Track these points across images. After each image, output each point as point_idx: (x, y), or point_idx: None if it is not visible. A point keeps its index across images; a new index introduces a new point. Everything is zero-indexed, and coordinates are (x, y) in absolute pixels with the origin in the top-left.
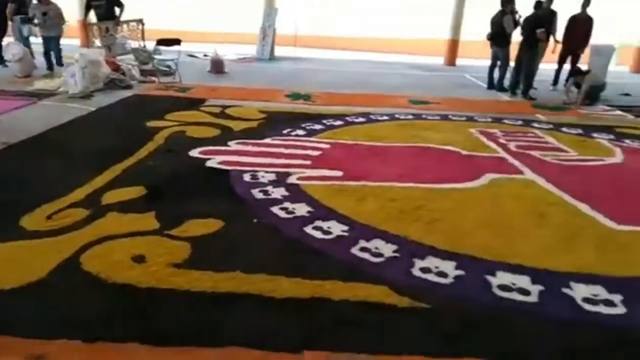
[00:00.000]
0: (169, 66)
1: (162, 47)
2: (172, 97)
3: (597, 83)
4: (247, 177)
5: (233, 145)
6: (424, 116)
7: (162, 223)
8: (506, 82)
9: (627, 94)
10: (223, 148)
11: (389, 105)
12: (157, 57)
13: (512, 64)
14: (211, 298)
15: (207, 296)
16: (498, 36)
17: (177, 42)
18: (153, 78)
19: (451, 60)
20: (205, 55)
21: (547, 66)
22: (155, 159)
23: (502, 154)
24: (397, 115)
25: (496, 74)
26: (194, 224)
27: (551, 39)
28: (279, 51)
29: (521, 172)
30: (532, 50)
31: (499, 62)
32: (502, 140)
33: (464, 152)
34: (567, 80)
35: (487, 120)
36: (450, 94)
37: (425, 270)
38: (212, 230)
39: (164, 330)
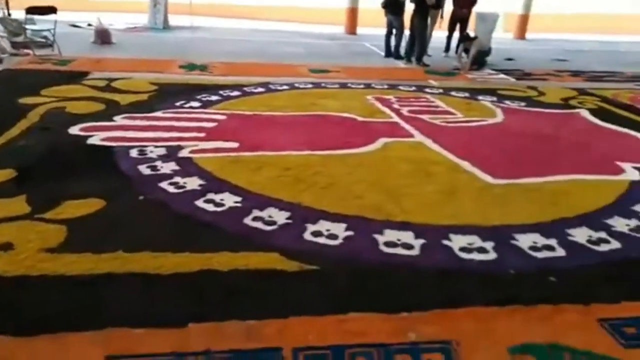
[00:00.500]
0: (45, 37)
1: (38, 17)
2: (49, 71)
3: (483, 48)
4: (133, 153)
5: (119, 120)
6: (323, 85)
7: (34, 206)
8: (403, 50)
9: (510, 59)
10: (108, 124)
11: (288, 75)
12: (30, 27)
13: (407, 31)
14: (90, 281)
15: (84, 279)
16: (392, 4)
17: (51, 10)
18: (27, 51)
19: (351, 29)
20: (89, 25)
21: (440, 33)
22: (28, 138)
23: (396, 118)
24: (296, 85)
25: (393, 41)
26: (71, 205)
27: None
28: (174, 20)
29: (412, 135)
30: (422, 17)
31: (395, 30)
32: (395, 106)
33: (360, 119)
34: (457, 47)
35: (383, 87)
36: (350, 62)
37: (316, 234)
38: (92, 210)
39: (36, 320)
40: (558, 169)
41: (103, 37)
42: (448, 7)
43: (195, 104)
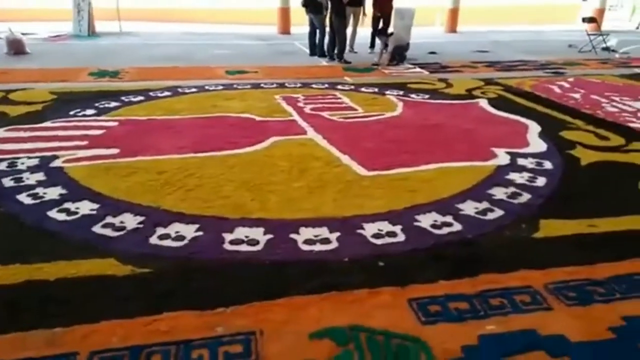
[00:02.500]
0: None
1: None
2: None
3: (401, 43)
4: (2, 166)
5: (1, 132)
6: (235, 86)
7: None
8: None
9: (433, 52)
10: None
11: (204, 77)
12: None
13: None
14: None
15: None
16: (311, 3)
17: None
18: None
19: (284, 29)
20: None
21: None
22: None
23: (295, 116)
24: (207, 87)
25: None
26: None
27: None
28: (102, 26)
29: (305, 133)
30: (340, 15)
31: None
32: (300, 104)
33: (258, 118)
34: (371, 40)
35: (296, 86)
36: (274, 62)
37: (163, 237)
38: None
39: None
40: (433, 158)
41: (16, 47)
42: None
43: (90, 111)
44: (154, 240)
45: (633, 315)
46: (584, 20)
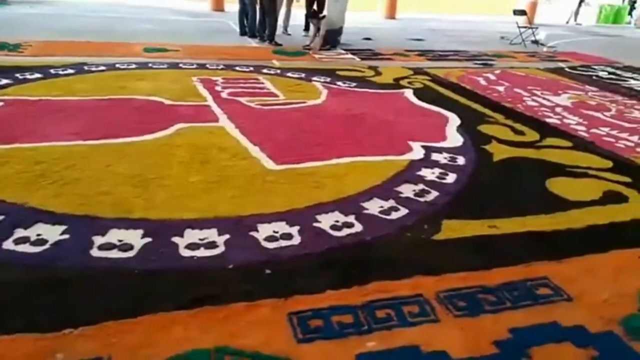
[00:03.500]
0: None
1: None
2: None
3: (334, 27)
4: None
5: None
6: (150, 65)
7: None
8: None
9: (368, 39)
10: None
11: (119, 54)
12: None
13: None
14: None
15: None
16: None
17: None
18: None
19: (218, 6)
20: None
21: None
22: None
23: (209, 102)
24: (118, 65)
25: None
26: None
27: None
28: None
29: (216, 120)
30: None
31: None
32: (218, 88)
33: (167, 102)
34: (305, 24)
35: (217, 68)
36: (200, 41)
37: (21, 240)
38: None
39: None
40: (348, 151)
41: None
42: None
43: None
44: (7, 244)
45: (520, 326)
46: (514, 12)
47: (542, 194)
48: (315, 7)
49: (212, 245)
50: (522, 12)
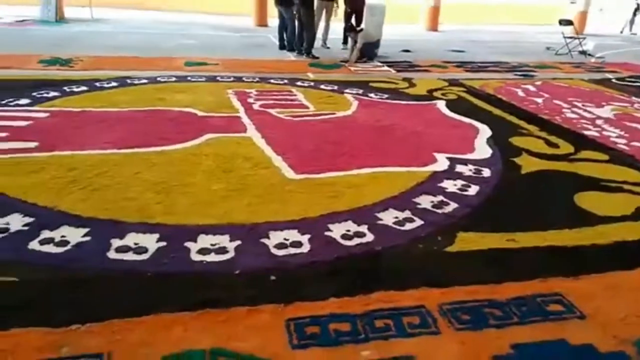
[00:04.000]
0: None
1: None
2: None
3: (371, 40)
4: None
5: None
6: (189, 78)
7: None
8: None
9: (407, 50)
10: None
11: (160, 68)
12: None
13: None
14: None
15: None
16: None
17: None
18: None
19: (261, 21)
20: None
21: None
22: None
23: (241, 113)
24: (159, 78)
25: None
26: None
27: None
28: (72, 12)
29: (244, 131)
30: (308, 7)
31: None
32: (250, 100)
33: (200, 114)
34: (343, 37)
35: (253, 80)
36: (240, 55)
37: (45, 241)
38: None
39: None
40: (371, 162)
41: None
42: None
43: (25, 101)
44: (33, 245)
45: (523, 342)
46: (560, 22)
47: (569, 208)
48: (353, 20)
49: (222, 250)
50: (568, 22)
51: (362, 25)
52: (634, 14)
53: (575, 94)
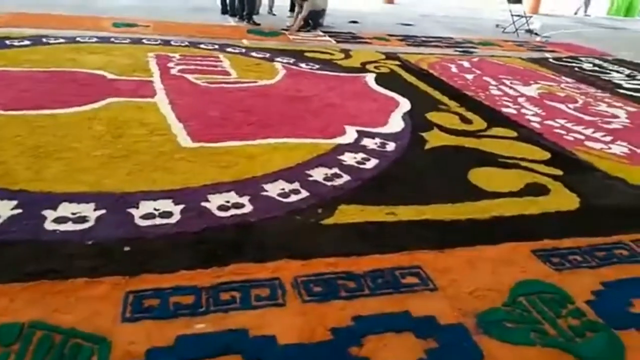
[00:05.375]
0: None
1: None
2: None
3: (316, 9)
4: None
5: None
6: (112, 39)
7: None
8: None
9: (355, 21)
10: None
11: (85, 28)
12: None
13: None
14: None
15: None
16: None
17: None
18: None
19: None
20: None
21: None
22: None
23: (154, 77)
24: (78, 39)
25: None
26: None
27: None
28: None
29: (152, 96)
30: None
31: None
32: (170, 64)
33: (110, 77)
34: (291, 6)
35: (181, 45)
36: (181, 19)
37: None
38: None
39: None
40: (277, 132)
41: None
42: None
43: None
44: None
45: (367, 314)
46: (509, 0)
47: (460, 183)
48: None
49: (81, 220)
50: (516, 1)
51: None
52: None
53: (508, 72)
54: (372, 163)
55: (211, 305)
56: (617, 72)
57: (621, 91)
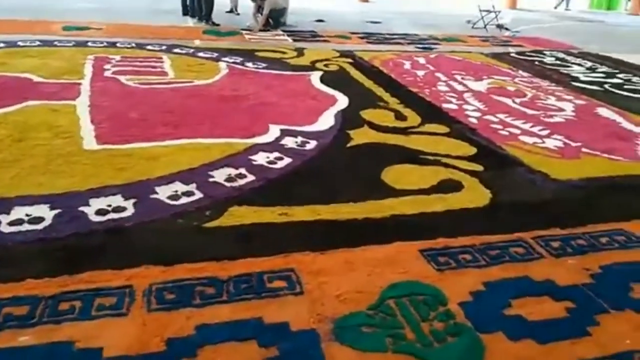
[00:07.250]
0: None
1: None
2: None
3: (277, 7)
4: None
5: None
6: (55, 43)
7: None
8: None
9: (321, 20)
10: None
11: (31, 32)
12: None
13: None
14: None
15: None
16: None
17: None
18: None
19: None
20: None
21: None
22: None
23: (85, 79)
24: (19, 43)
25: None
26: None
27: None
28: None
29: (75, 98)
30: None
31: None
32: (107, 66)
33: (37, 80)
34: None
35: (127, 46)
36: (137, 20)
37: None
38: None
39: None
40: (194, 132)
41: None
42: None
43: None
44: None
45: (213, 322)
46: None
47: (370, 182)
48: None
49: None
50: None
51: None
52: None
53: (462, 67)
54: (284, 162)
55: (45, 316)
56: (579, 65)
57: (576, 84)
